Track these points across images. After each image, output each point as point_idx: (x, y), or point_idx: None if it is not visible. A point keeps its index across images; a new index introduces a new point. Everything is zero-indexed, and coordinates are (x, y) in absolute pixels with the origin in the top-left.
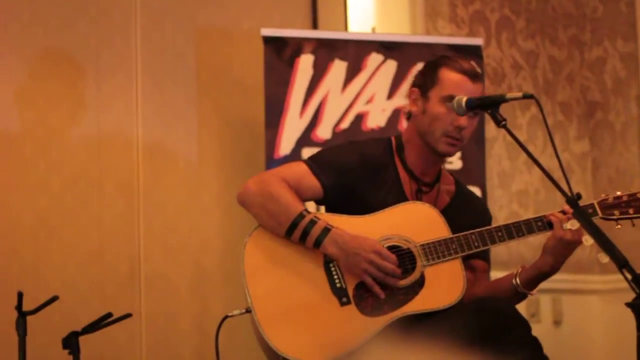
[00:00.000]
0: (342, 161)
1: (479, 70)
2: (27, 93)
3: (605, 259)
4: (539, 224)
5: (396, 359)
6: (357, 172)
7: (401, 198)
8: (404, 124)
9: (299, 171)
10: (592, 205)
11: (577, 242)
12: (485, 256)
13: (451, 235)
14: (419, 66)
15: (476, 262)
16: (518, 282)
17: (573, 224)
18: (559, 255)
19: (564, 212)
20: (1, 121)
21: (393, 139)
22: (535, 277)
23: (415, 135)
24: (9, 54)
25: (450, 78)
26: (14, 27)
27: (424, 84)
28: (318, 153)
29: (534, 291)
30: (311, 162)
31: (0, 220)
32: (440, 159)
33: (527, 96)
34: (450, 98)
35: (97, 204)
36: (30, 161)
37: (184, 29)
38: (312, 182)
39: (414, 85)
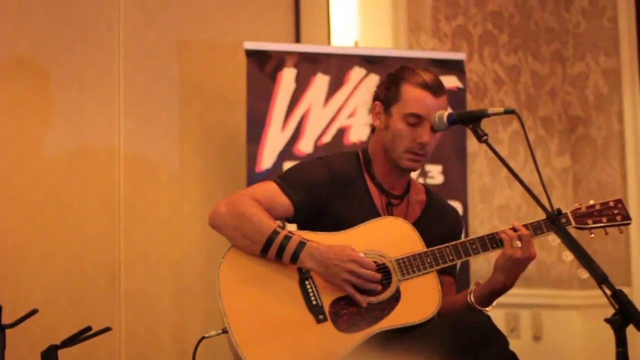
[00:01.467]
0: (311, 177)
1: (440, 81)
2: (7, 105)
3: (585, 274)
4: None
5: None
6: (327, 187)
7: (372, 212)
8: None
9: (269, 190)
10: (565, 215)
11: (527, 259)
12: (452, 271)
13: (425, 249)
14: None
15: (443, 277)
16: (472, 299)
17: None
18: (509, 272)
19: (514, 229)
20: None
21: (360, 152)
22: (488, 295)
23: (380, 149)
24: None
25: (413, 94)
26: None
27: (387, 98)
28: (287, 171)
29: (490, 308)
30: (281, 180)
31: None
32: (402, 172)
33: (508, 111)
34: (413, 115)
35: (77, 217)
36: (10, 173)
37: (166, 41)
38: (282, 200)
39: (376, 98)
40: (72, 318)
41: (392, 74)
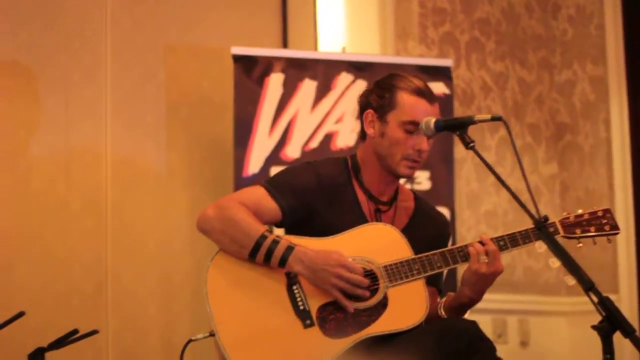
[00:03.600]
0: (299, 182)
1: (431, 89)
2: None
3: (572, 281)
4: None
5: None
6: (315, 192)
7: (360, 218)
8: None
9: (257, 194)
10: (553, 224)
11: (493, 275)
12: (437, 282)
13: (413, 256)
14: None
15: (428, 288)
16: (442, 312)
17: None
18: (475, 286)
19: (482, 243)
20: None
21: (349, 158)
22: (457, 308)
23: (372, 156)
24: None
25: (409, 102)
26: None
27: (381, 106)
28: (275, 175)
29: None
30: (268, 185)
31: None
32: (397, 178)
33: (495, 118)
34: (411, 123)
35: (64, 220)
36: None
37: (154, 45)
38: (270, 205)
39: (368, 106)
40: (59, 321)
41: (383, 81)
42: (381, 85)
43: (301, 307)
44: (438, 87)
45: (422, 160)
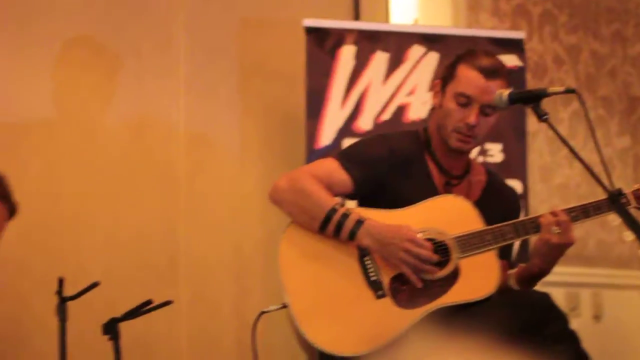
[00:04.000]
0: (372, 155)
1: (501, 66)
2: (69, 82)
3: None
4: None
5: (434, 351)
6: (387, 165)
7: (431, 191)
8: None
9: (329, 167)
10: (625, 196)
11: (565, 246)
12: (507, 254)
13: (485, 227)
14: None
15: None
16: (513, 283)
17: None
18: (547, 257)
19: (554, 214)
20: (41, 109)
21: (421, 131)
22: (527, 279)
23: (435, 127)
24: (49, 42)
25: (465, 75)
26: (56, 14)
27: (445, 77)
28: (347, 148)
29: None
30: (341, 157)
31: (41, 206)
32: (455, 152)
33: (569, 91)
34: (462, 95)
35: (138, 191)
36: (70, 148)
37: (227, 18)
38: (342, 177)
39: (438, 77)
40: (132, 291)
41: (456, 55)
42: (452, 58)
43: (373, 278)
44: (510, 60)
45: (475, 136)
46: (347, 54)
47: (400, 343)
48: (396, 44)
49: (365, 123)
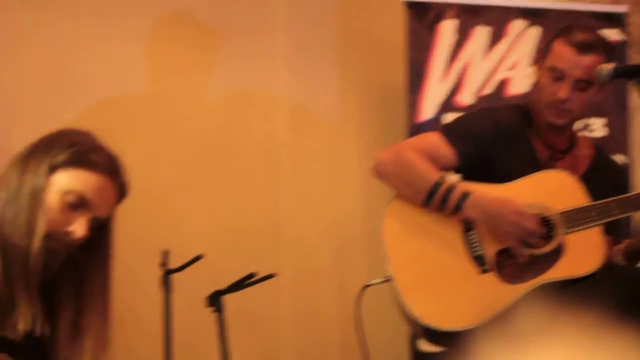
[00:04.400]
0: (477, 129)
1: (597, 41)
2: (171, 56)
3: None
4: None
5: (541, 327)
6: (491, 139)
7: (535, 165)
8: None
9: (434, 141)
10: None
11: None
12: (612, 230)
13: (590, 203)
14: None
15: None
16: (619, 259)
17: None
18: None
19: None
20: (139, 85)
21: (523, 105)
22: (633, 254)
23: (535, 102)
24: (145, 17)
25: (559, 49)
26: None
27: (542, 52)
28: (452, 122)
29: None
30: (445, 131)
31: (145, 179)
32: (552, 127)
33: None
34: (553, 69)
35: (241, 164)
36: (175, 121)
37: None
38: (446, 151)
39: (539, 51)
40: (236, 264)
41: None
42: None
43: (477, 253)
44: (612, 34)
45: (569, 111)
46: (447, 28)
47: (506, 318)
48: (497, 18)
49: (466, 97)
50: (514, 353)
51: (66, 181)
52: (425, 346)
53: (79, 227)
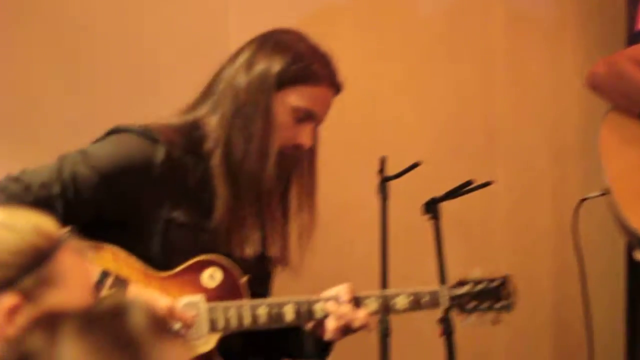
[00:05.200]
0: None
1: None
2: None
3: None
4: None
5: None
6: None
7: None
8: None
9: None
10: None
11: None
12: None
13: None
14: None
15: None
16: None
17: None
18: None
19: None
20: None
21: None
22: None
23: None
24: None
25: None
26: None
27: None
28: None
29: None
30: None
31: (362, 87)
32: None
33: None
34: None
35: (456, 70)
36: (389, 30)
37: None
38: None
39: None
40: (451, 171)
41: None
42: None
43: None
44: None
45: None
46: None
47: None
48: None
49: None
50: None
51: (294, 99)
52: None
53: (306, 139)
